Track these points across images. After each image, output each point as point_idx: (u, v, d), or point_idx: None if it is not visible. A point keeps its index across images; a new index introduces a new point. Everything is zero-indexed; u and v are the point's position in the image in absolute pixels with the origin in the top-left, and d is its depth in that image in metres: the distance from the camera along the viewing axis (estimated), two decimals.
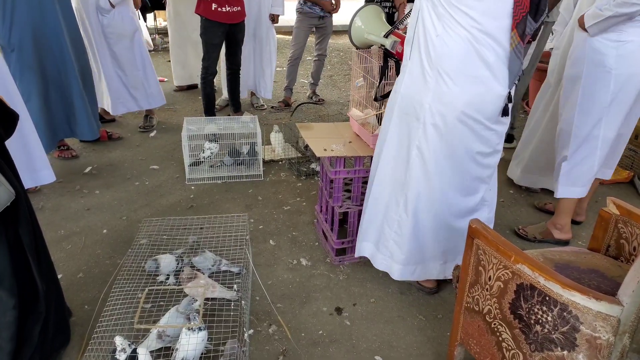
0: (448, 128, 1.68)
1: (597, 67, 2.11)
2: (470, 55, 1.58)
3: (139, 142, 3.55)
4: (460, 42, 1.56)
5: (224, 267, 2.08)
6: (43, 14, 2.74)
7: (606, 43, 2.07)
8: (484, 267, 1.36)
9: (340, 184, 2.15)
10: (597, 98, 2.14)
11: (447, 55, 1.59)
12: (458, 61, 1.59)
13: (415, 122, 1.73)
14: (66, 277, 2.11)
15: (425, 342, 1.84)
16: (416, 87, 1.70)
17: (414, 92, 1.71)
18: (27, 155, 2.50)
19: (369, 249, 2.03)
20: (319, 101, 4.44)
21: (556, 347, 1.16)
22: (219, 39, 3.48)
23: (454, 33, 1.56)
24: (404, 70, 1.76)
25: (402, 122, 1.78)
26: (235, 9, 3.42)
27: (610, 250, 1.52)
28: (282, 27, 7.39)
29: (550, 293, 1.15)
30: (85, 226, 2.50)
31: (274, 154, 3.31)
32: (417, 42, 1.66)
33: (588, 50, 2.12)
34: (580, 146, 2.22)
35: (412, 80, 1.71)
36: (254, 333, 1.85)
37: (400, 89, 1.76)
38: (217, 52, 3.55)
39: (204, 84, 3.63)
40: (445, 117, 1.66)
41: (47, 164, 2.59)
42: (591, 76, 2.13)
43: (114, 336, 1.61)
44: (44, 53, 2.82)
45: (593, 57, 2.11)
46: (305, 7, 4.02)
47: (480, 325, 1.40)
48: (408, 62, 1.73)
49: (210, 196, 2.84)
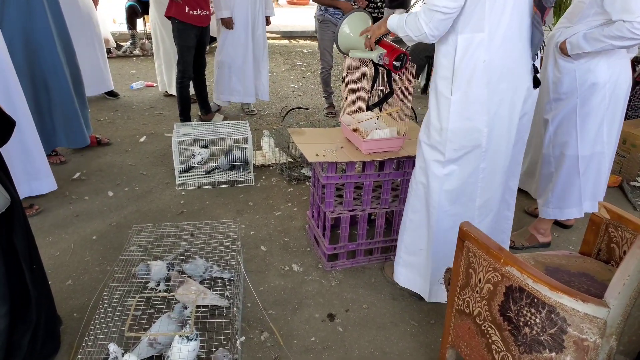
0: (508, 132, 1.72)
1: (591, 88, 2.13)
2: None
3: (128, 147, 3.52)
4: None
5: (216, 273, 2.07)
6: (32, 16, 2.70)
7: (595, 61, 2.08)
8: (474, 270, 1.38)
9: (332, 190, 2.15)
10: (594, 115, 2.18)
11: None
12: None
13: (476, 149, 1.70)
14: (55, 285, 2.08)
15: (418, 348, 1.85)
16: (468, 113, 1.66)
17: (464, 124, 1.67)
18: (30, 163, 2.52)
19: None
20: (330, 114, 4.31)
21: (544, 349, 1.18)
22: (192, 41, 3.55)
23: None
24: (445, 107, 1.68)
25: (459, 160, 1.73)
26: (204, 13, 3.53)
27: (601, 254, 1.54)
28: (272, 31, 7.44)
29: (539, 295, 1.17)
30: (74, 233, 2.48)
31: (265, 159, 3.31)
32: (459, 74, 1.63)
33: (578, 75, 2.13)
34: (589, 164, 2.27)
35: (460, 112, 1.66)
36: (245, 340, 1.84)
37: (448, 125, 1.68)
38: (191, 55, 3.61)
39: (180, 88, 3.66)
40: (500, 126, 1.69)
41: (49, 172, 2.60)
42: (587, 98, 2.16)
43: (104, 344, 1.59)
44: (33, 57, 2.79)
45: (585, 79, 2.12)
46: (327, 13, 3.83)
47: (471, 328, 1.42)
48: (451, 97, 1.65)
49: (201, 202, 2.83)
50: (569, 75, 2.16)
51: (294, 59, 6.40)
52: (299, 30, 7.93)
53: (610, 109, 2.19)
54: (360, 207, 2.24)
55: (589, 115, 2.19)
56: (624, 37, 1.84)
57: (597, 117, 2.19)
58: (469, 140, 1.69)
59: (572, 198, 2.35)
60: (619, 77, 2.14)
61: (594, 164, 2.29)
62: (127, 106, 4.36)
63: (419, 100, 4.88)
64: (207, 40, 3.76)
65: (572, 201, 2.36)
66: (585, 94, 2.16)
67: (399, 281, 2.04)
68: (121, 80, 5.03)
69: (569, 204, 2.37)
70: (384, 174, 2.17)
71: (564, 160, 2.30)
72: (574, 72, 2.15)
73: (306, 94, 4.97)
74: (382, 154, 2.13)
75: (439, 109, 1.70)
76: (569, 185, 2.33)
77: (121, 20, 6.44)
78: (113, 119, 4.03)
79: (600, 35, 1.93)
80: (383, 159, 2.12)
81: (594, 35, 1.97)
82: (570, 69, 2.15)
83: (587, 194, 2.34)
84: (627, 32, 1.82)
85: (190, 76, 3.66)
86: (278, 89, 5.06)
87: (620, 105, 2.22)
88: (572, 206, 2.37)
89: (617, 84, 2.14)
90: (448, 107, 1.66)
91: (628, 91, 2.20)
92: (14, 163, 2.46)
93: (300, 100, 4.75)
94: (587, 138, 2.23)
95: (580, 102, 2.18)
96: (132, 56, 6.06)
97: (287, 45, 7.24)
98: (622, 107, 2.23)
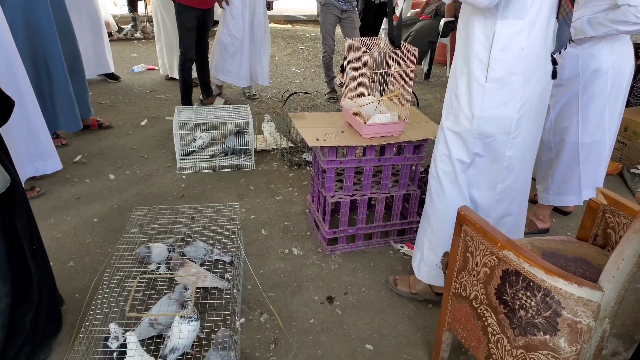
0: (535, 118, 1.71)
1: (593, 74, 2.11)
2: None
3: (129, 130, 3.53)
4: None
5: (216, 256, 2.09)
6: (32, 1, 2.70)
7: (599, 47, 2.06)
8: (472, 254, 1.39)
9: (332, 174, 2.16)
10: (596, 102, 2.16)
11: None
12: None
13: (504, 136, 1.67)
14: (57, 266, 2.11)
15: (415, 331, 1.87)
16: (502, 100, 1.62)
17: (497, 111, 1.63)
18: (35, 144, 2.54)
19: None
20: (331, 98, 4.28)
21: (539, 332, 1.19)
22: (192, 22, 3.52)
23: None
24: (479, 94, 1.64)
25: (486, 147, 1.70)
26: None
27: (598, 239, 1.54)
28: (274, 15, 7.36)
29: (534, 279, 1.18)
30: (75, 215, 2.50)
31: (266, 143, 3.31)
32: (497, 61, 1.59)
33: (581, 61, 2.11)
34: (589, 151, 2.26)
35: (494, 99, 1.63)
36: (245, 322, 1.87)
37: (482, 113, 1.63)
38: (191, 36, 3.58)
39: (182, 70, 3.64)
40: (529, 113, 1.66)
41: (54, 152, 2.62)
42: (589, 84, 2.14)
43: (105, 324, 1.62)
44: (34, 40, 2.78)
45: (588, 64, 2.10)
46: None
47: (467, 311, 1.43)
48: (485, 84, 1.61)
49: (202, 185, 2.84)
50: (572, 61, 2.14)
51: (296, 43, 6.35)
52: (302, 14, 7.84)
53: (612, 96, 2.18)
54: (360, 191, 2.24)
55: (591, 102, 2.18)
56: (629, 22, 1.84)
57: (599, 104, 2.18)
58: (499, 127, 1.65)
59: (572, 185, 2.35)
60: (622, 63, 2.12)
61: (595, 151, 2.28)
62: (129, 89, 4.35)
63: (421, 85, 4.85)
64: (210, 22, 3.73)
65: (571, 188, 2.35)
66: (587, 80, 2.14)
67: (423, 279, 1.93)
68: (122, 64, 5.00)
69: (568, 191, 2.37)
70: (384, 159, 2.17)
71: (565, 147, 2.29)
72: (576, 57, 2.13)
73: (308, 78, 4.94)
74: (383, 138, 2.13)
75: (471, 96, 1.65)
76: (569, 172, 2.32)
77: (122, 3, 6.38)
78: (114, 102, 4.03)
79: (605, 20, 1.92)
80: (384, 143, 2.12)
81: (598, 20, 1.95)
82: (573, 54, 2.12)
83: (587, 181, 2.34)
84: (632, 17, 1.80)
85: (192, 58, 3.64)
86: (280, 73, 5.03)
87: (622, 92, 2.20)
88: (571, 193, 2.37)
89: (620, 70, 2.13)
90: (482, 94, 1.62)
91: (630, 78, 2.18)
92: (19, 143, 2.48)
93: (302, 84, 4.73)
94: (589, 125, 2.22)
95: (582, 88, 2.16)
96: (133, 39, 6.02)
97: (289, 29, 7.18)
98: (624, 94, 2.21)
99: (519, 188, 1.81)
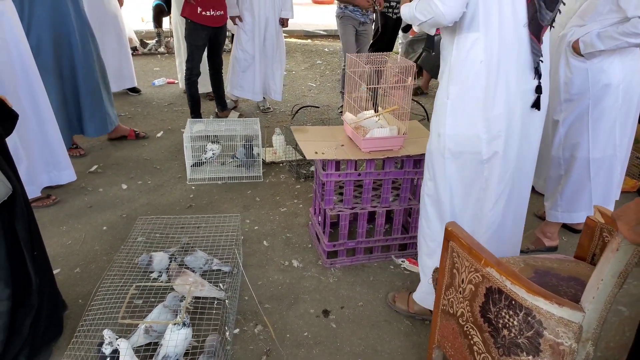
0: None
1: (604, 89, 2.06)
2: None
3: (145, 142, 3.63)
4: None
5: (216, 266, 2.12)
6: (58, 14, 2.84)
7: (609, 61, 2.02)
8: (458, 270, 1.36)
9: (331, 187, 2.17)
10: (607, 117, 2.11)
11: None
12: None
13: (475, 156, 1.62)
14: (64, 272, 2.18)
15: (409, 348, 1.84)
16: (460, 119, 1.59)
17: (461, 129, 1.60)
18: (51, 155, 2.66)
19: None
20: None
21: (522, 352, 1.16)
22: (202, 41, 3.61)
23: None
24: (442, 112, 1.62)
25: (458, 161, 1.66)
26: (218, 13, 3.57)
27: (596, 258, 1.49)
28: (294, 30, 7.48)
29: (516, 297, 1.15)
30: (86, 223, 2.58)
31: (275, 156, 3.35)
32: (456, 75, 1.58)
33: (590, 75, 2.07)
34: (600, 167, 2.20)
35: (457, 118, 1.60)
36: (239, 332, 1.88)
37: (446, 130, 1.61)
38: (200, 54, 3.68)
39: (189, 84, 3.72)
40: (507, 133, 1.60)
41: (69, 164, 2.74)
42: (599, 99, 2.09)
43: (100, 330, 1.66)
44: (60, 53, 2.94)
45: (598, 79, 2.06)
46: (347, 10, 3.85)
47: (455, 328, 1.40)
48: (447, 101, 1.60)
49: (210, 196, 2.90)
50: (581, 76, 2.10)
51: (315, 57, 6.43)
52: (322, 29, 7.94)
53: (623, 111, 2.12)
54: (360, 205, 2.24)
55: (601, 117, 2.12)
56: (638, 33, 1.81)
57: (610, 119, 2.12)
58: (466, 147, 1.61)
59: (582, 202, 2.28)
60: (632, 77, 2.06)
61: (606, 167, 2.21)
62: (148, 102, 4.49)
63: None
64: (223, 39, 3.83)
65: (582, 205, 2.29)
66: (597, 95, 2.09)
67: (415, 299, 1.92)
68: (144, 77, 5.17)
69: (578, 208, 2.30)
70: (384, 173, 2.17)
71: (575, 163, 2.23)
72: (586, 72, 2.08)
73: (323, 92, 4.98)
74: (382, 152, 2.13)
75: (437, 114, 1.65)
76: (579, 188, 2.26)
77: (149, 19, 6.62)
78: (133, 114, 4.17)
79: (615, 33, 1.89)
80: (382, 157, 2.11)
81: (608, 34, 1.92)
82: (583, 68, 2.08)
83: (598, 198, 2.27)
84: None
85: (198, 73, 3.71)
86: (295, 87, 5.10)
87: (633, 106, 2.14)
88: (581, 210, 2.30)
89: (631, 84, 2.07)
90: (445, 111, 1.60)
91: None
92: (35, 154, 2.59)
93: (317, 98, 4.77)
94: (599, 140, 2.16)
95: (592, 103, 2.11)
96: (157, 54, 6.22)
97: (308, 44, 7.27)
98: (635, 108, 2.15)
99: (511, 208, 1.75)
